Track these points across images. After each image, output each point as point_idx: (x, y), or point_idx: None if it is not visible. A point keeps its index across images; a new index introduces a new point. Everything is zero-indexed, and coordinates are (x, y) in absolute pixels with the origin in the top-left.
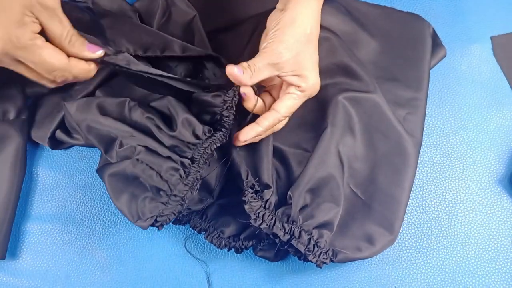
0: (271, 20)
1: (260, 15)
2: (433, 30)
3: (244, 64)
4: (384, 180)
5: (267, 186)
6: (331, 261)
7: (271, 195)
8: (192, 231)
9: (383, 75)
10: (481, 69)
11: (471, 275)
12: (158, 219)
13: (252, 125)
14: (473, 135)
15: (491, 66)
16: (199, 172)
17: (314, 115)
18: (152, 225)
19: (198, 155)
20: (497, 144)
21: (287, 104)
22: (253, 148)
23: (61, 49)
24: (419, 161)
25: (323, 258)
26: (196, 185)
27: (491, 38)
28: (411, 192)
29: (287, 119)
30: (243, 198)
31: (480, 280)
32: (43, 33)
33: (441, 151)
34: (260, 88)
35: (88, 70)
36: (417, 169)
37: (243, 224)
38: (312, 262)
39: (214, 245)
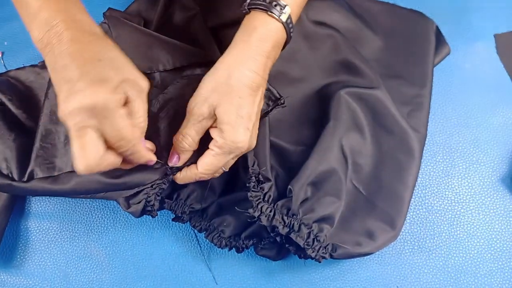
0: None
1: None
2: (436, 27)
3: (184, 144)
4: (387, 176)
5: (267, 180)
6: (331, 256)
7: (269, 189)
8: (192, 229)
9: (387, 72)
10: (484, 67)
11: (473, 275)
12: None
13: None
14: (476, 133)
15: (495, 64)
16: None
17: (316, 112)
18: (144, 212)
19: None
20: (500, 143)
21: (205, 162)
22: None
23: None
24: (422, 160)
25: (323, 253)
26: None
27: (495, 36)
28: (414, 190)
29: (214, 175)
30: (247, 184)
31: (483, 280)
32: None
33: (444, 150)
34: None
35: (148, 152)
36: (420, 167)
37: (244, 223)
38: (311, 256)
39: (215, 244)
